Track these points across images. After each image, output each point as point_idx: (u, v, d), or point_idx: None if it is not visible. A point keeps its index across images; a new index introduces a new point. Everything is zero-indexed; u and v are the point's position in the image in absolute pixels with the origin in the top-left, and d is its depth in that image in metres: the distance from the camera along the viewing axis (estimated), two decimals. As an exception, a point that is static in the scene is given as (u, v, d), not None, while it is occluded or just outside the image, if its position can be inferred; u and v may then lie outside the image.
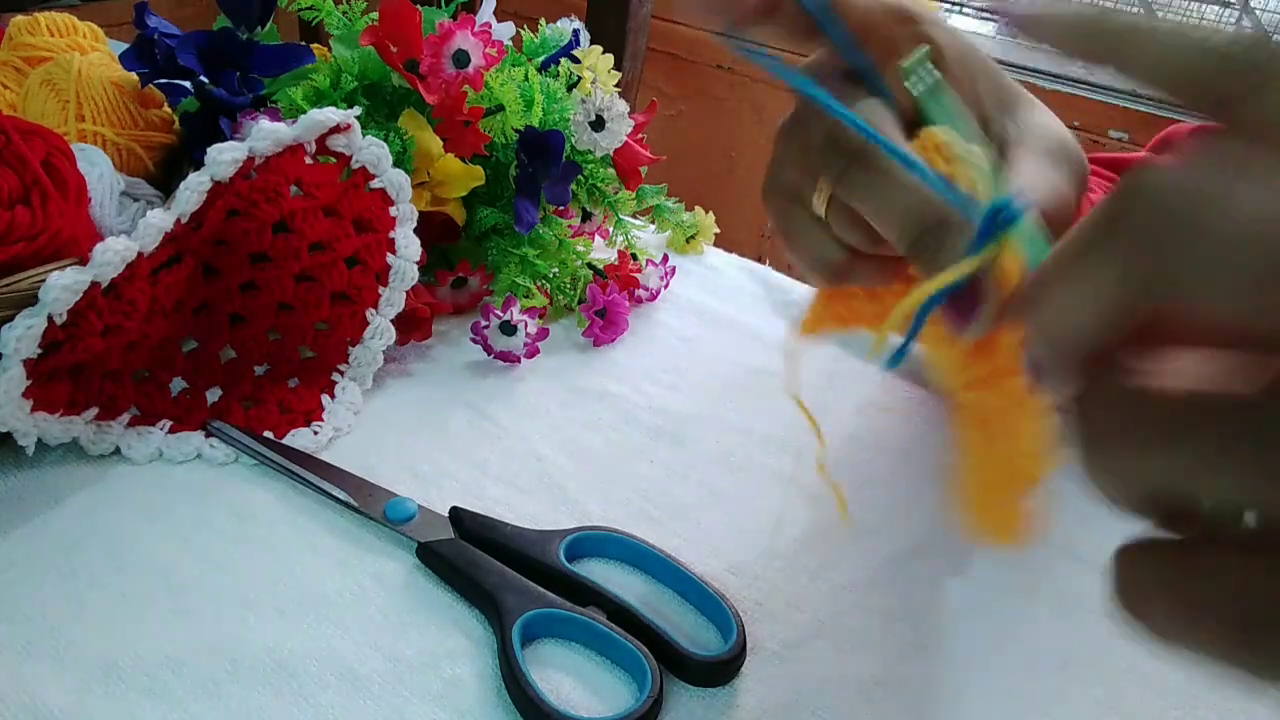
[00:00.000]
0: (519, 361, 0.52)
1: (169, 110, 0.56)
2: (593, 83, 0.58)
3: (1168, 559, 0.20)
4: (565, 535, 0.39)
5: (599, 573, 0.39)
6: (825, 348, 0.58)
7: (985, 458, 0.31)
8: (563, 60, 0.60)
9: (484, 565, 0.38)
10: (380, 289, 0.49)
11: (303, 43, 0.57)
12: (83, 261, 0.38)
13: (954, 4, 1.48)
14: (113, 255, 0.37)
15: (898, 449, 0.49)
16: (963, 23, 1.49)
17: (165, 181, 0.54)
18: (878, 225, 0.28)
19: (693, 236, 0.67)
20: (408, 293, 0.49)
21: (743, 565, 0.41)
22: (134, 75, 0.54)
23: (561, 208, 0.59)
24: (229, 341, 0.48)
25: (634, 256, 0.60)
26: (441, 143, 0.53)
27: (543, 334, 0.52)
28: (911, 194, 0.27)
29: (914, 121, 0.30)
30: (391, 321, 0.49)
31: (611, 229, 0.62)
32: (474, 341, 0.52)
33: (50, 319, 0.36)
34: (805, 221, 0.32)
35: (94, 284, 0.37)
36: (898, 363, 0.28)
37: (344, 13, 0.58)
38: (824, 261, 0.32)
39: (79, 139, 0.51)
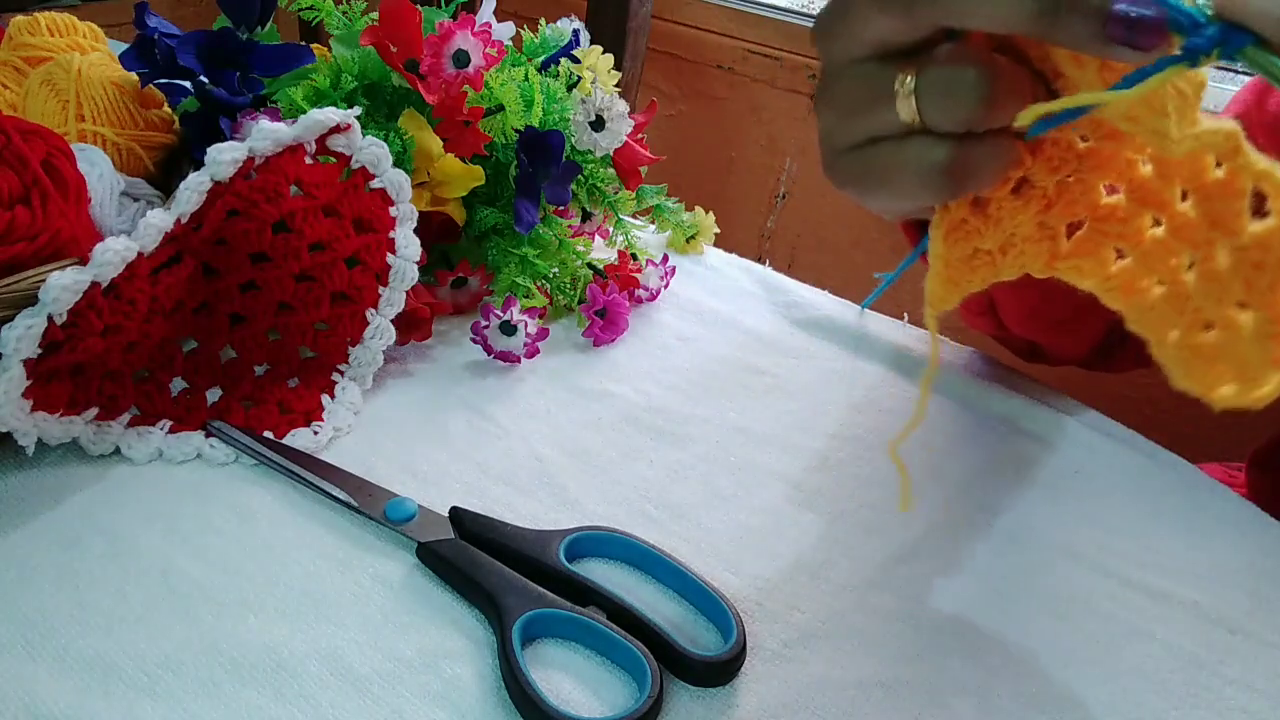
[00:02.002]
0: (519, 361, 0.52)
1: (169, 110, 0.56)
2: (593, 83, 0.58)
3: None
4: (565, 535, 0.39)
5: (599, 573, 0.39)
6: (825, 346, 0.58)
7: (1179, 324, 0.29)
8: (563, 60, 0.60)
9: (484, 565, 0.38)
10: (380, 289, 0.49)
11: (303, 43, 0.57)
12: (83, 261, 0.38)
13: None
14: (113, 255, 0.37)
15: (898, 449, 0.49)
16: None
17: (165, 181, 0.54)
18: (977, 13, 0.26)
19: (693, 236, 0.67)
20: (408, 293, 0.49)
21: (743, 565, 0.41)
22: (134, 75, 0.54)
23: (561, 208, 0.59)
24: (229, 341, 0.48)
25: (634, 256, 0.60)
26: (441, 143, 0.53)
27: (543, 334, 0.52)
28: None
29: None
30: (391, 321, 0.49)
31: (611, 229, 0.62)
32: (474, 341, 0.52)
33: (50, 319, 0.36)
34: (891, 147, 0.29)
35: (94, 284, 0.37)
36: (1045, 128, 0.27)
37: (344, 13, 0.58)
38: (930, 168, 0.28)
39: (79, 139, 0.51)
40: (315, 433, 0.45)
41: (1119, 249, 0.31)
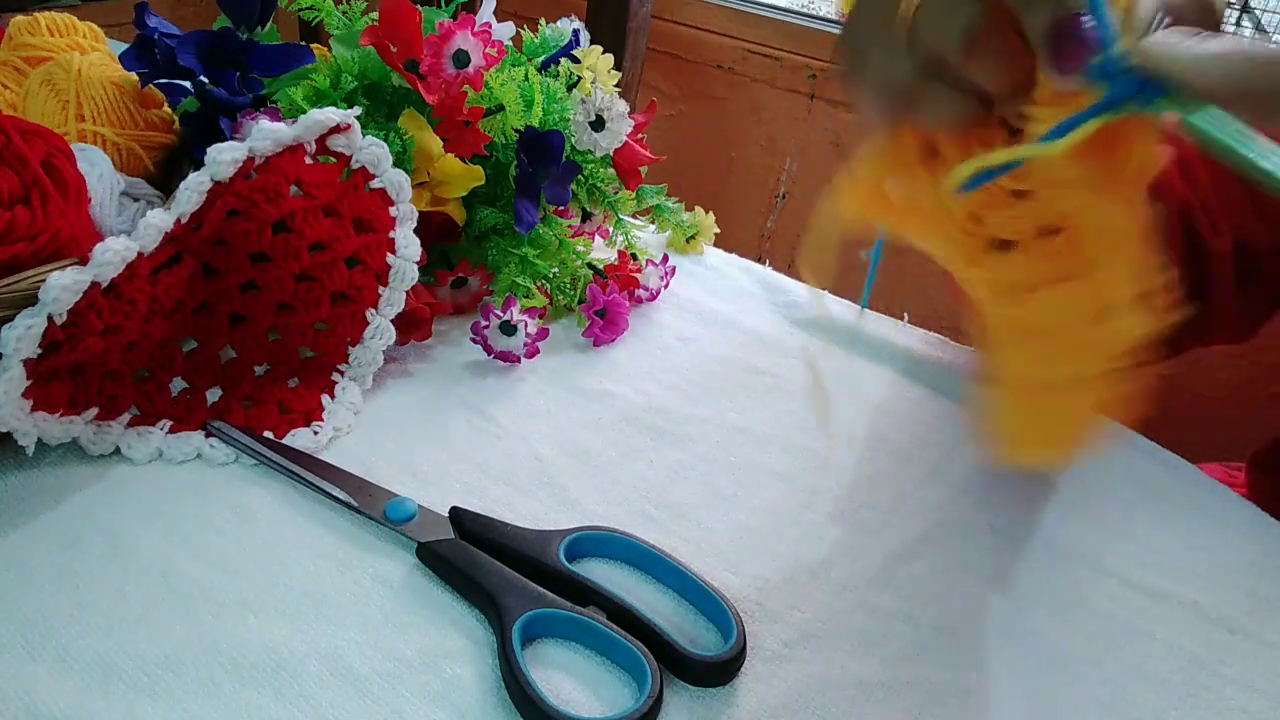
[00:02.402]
0: (519, 361, 0.52)
1: (169, 110, 0.56)
2: (593, 83, 0.58)
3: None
4: (565, 535, 0.39)
5: (599, 573, 0.39)
6: (827, 348, 0.58)
7: (1030, 371, 0.30)
8: (563, 60, 0.60)
9: (484, 565, 0.38)
10: (380, 289, 0.49)
11: (303, 43, 0.57)
12: (83, 261, 0.38)
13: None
14: (113, 255, 0.37)
15: (898, 449, 0.49)
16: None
17: (165, 181, 0.54)
18: None
19: (693, 236, 0.67)
20: (408, 293, 0.49)
21: (743, 565, 0.41)
22: (134, 75, 0.54)
23: (561, 208, 0.59)
24: (229, 341, 0.48)
25: (634, 256, 0.60)
26: (441, 143, 0.53)
27: (543, 334, 0.52)
28: None
29: None
30: (391, 321, 0.49)
31: (611, 229, 0.62)
32: (474, 341, 0.52)
33: (50, 319, 0.36)
34: (881, 50, 0.30)
35: (94, 284, 0.37)
36: (974, 187, 0.27)
37: (344, 13, 0.58)
38: (894, 81, 0.30)
39: (79, 139, 0.51)
40: (315, 433, 0.45)
41: (1031, 284, 0.31)
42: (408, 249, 0.48)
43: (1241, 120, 0.23)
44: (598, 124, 0.56)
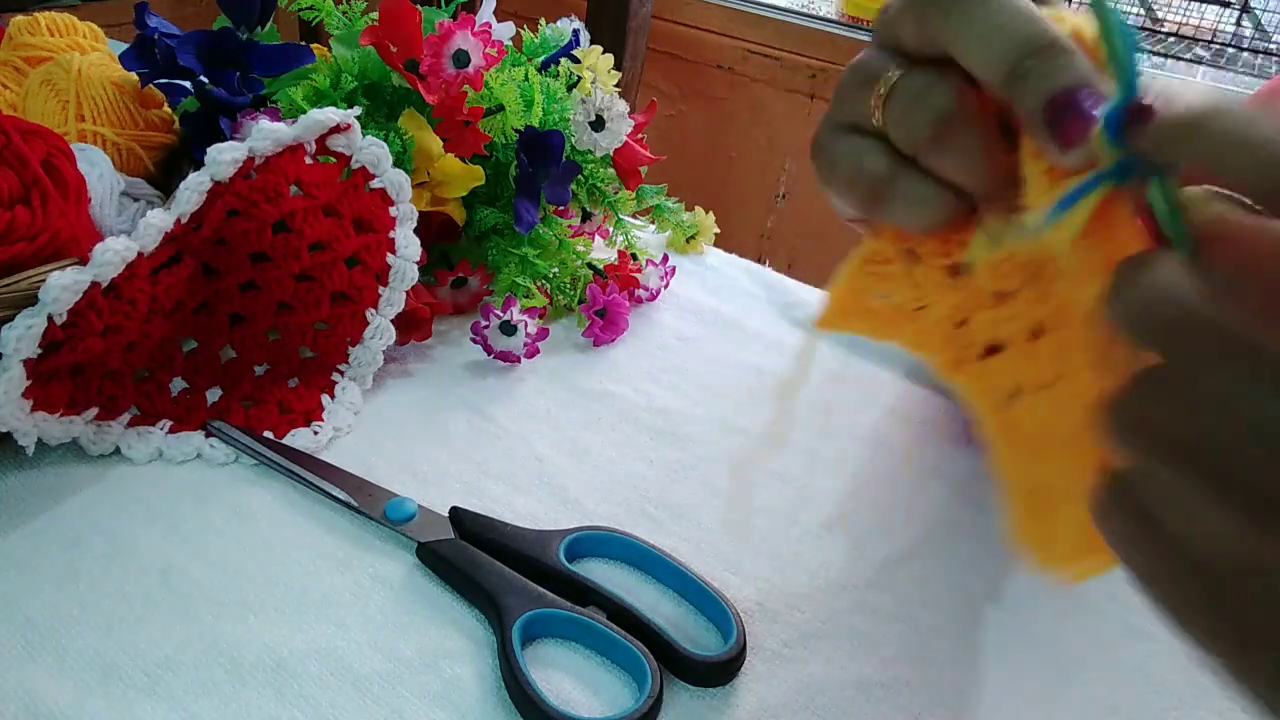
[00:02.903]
0: (519, 361, 0.52)
1: (169, 110, 0.56)
2: (593, 83, 0.58)
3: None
4: (565, 535, 0.39)
5: (599, 573, 0.39)
6: (825, 346, 0.58)
7: (1035, 479, 0.29)
8: (563, 60, 0.60)
9: (484, 565, 0.38)
10: (380, 289, 0.49)
11: (303, 43, 0.57)
12: (83, 261, 0.38)
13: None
14: (113, 255, 0.37)
15: (898, 449, 0.49)
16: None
17: (165, 181, 0.54)
18: (968, 50, 0.25)
19: (693, 236, 0.67)
20: (408, 293, 0.49)
21: (743, 565, 0.41)
22: (134, 75, 0.54)
23: (561, 208, 0.59)
24: (229, 341, 0.48)
25: (634, 256, 0.60)
26: (441, 143, 0.53)
27: (543, 334, 0.52)
28: (1026, 13, 0.24)
29: None
30: (391, 321, 0.49)
31: (611, 229, 0.62)
32: (474, 341, 0.52)
33: (50, 319, 0.36)
34: (849, 139, 0.29)
35: (94, 284, 0.37)
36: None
37: (344, 13, 0.58)
38: (863, 173, 0.28)
39: (79, 139, 0.51)
40: (315, 433, 0.45)
41: (1019, 388, 0.29)
42: (408, 249, 0.48)
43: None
44: (598, 124, 0.56)
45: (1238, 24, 1.49)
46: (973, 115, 0.26)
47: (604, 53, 0.59)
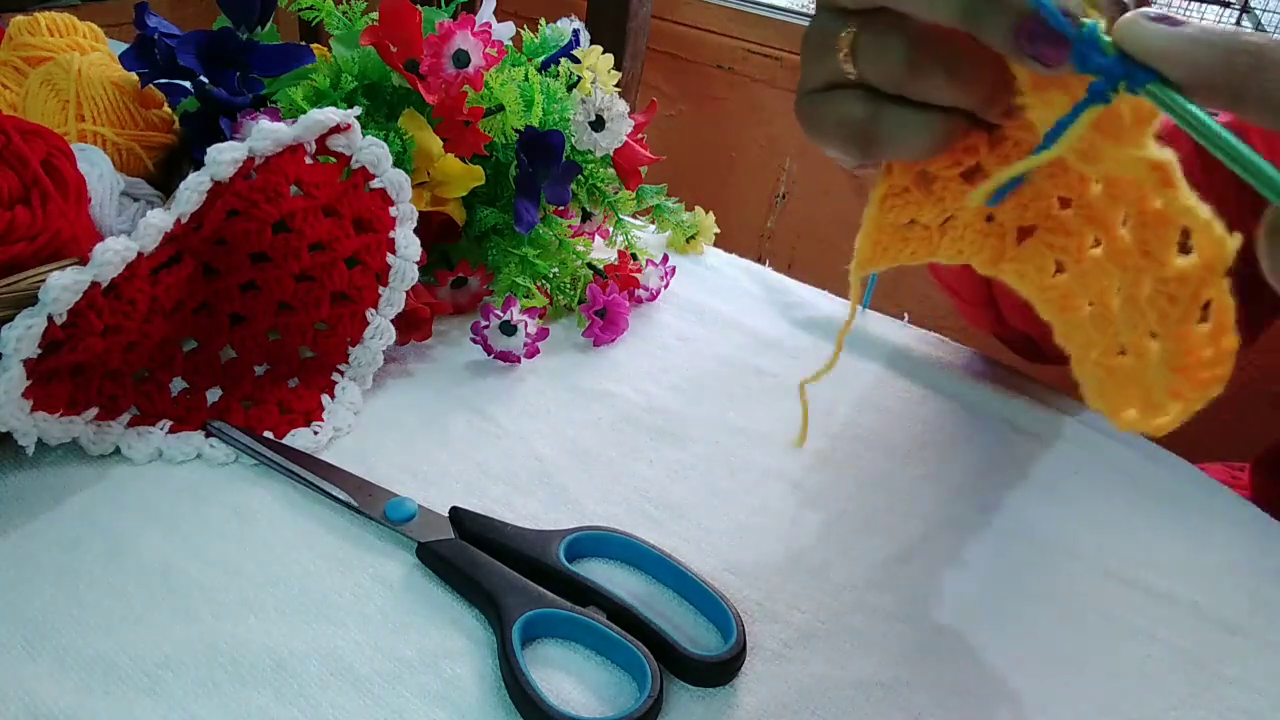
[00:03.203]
0: (519, 361, 0.52)
1: (169, 110, 0.56)
2: (593, 83, 0.58)
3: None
4: (565, 535, 0.39)
5: (599, 573, 0.39)
6: (825, 346, 0.58)
7: (1097, 345, 0.29)
8: (563, 60, 0.60)
9: (484, 565, 0.38)
10: (380, 289, 0.49)
11: (303, 43, 0.57)
12: (83, 261, 0.38)
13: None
14: (113, 255, 0.37)
15: (898, 449, 0.49)
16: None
17: (165, 181, 0.54)
18: (914, 5, 0.26)
19: (693, 236, 0.67)
20: (408, 293, 0.49)
21: (743, 565, 0.41)
22: (134, 75, 0.54)
23: (561, 208, 0.59)
24: (229, 341, 0.48)
25: (634, 256, 0.60)
26: (441, 143, 0.53)
27: (543, 334, 0.52)
28: None
29: None
30: (391, 321, 0.49)
31: (611, 229, 0.62)
32: (474, 341, 0.52)
33: (50, 319, 0.36)
34: (828, 95, 0.30)
35: (94, 284, 0.37)
36: (998, 200, 0.27)
37: (344, 13, 0.58)
38: (849, 121, 0.29)
39: (79, 139, 0.51)
40: (315, 433, 0.45)
41: (1059, 262, 0.31)
42: (408, 249, 0.48)
43: (1215, 106, 0.23)
44: (598, 124, 0.56)
45: (1237, 24, 1.49)
46: (940, 36, 0.27)
47: (604, 53, 0.59)
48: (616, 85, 0.59)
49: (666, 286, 0.60)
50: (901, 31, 0.27)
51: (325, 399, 0.47)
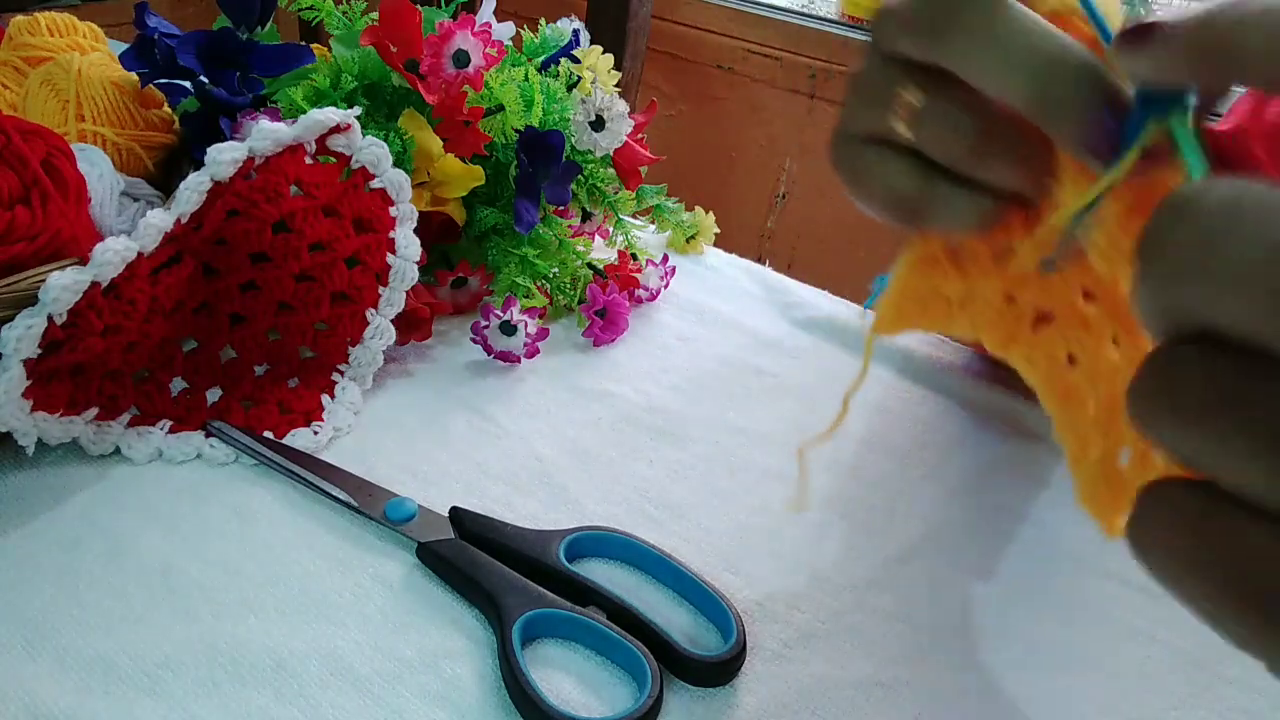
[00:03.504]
0: (519, 361, 0.52)
1: (169, 110, 0.56)
2: (593, 83, 0.58)
3: (1187, 503, 0.19)
4: (565, 535, 0.39)
5: (599, 573, 0.39)
6: (825, 346, 0.58)
7: (1095, 445, 0.29)
8: (563, 60, 0.60)
9: (484, 565, 0.38)
10: (380, 289, 0.49)
11: (303, 43, 0.57)
12: (83, 261, 0.38)
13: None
14: (113, 255, 0.37)
15: (898, 449, 0.49)
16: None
17: (165, 181, 0.54)
18: (990, 79, 0.25)
19: (693, 236, 0.67)
20: (408, 293, 0.49)
21: (743, 565, 0.41)
22: (134, 75, 0.54)
23: (561, 208, 0.59)
24: (229, 341, 0.48)
25: (634, 256, 0.60)
26: (441, 143, 0.53)
27: (543, 334, 0.52)
28: (1035, 33, 0.23)
29: None
30: (391, 321, 0.49)
31: (611, 229, 0.62)
32: (474, 341, 0.52)
33: (50, 319, 0.36)
34: (877, 154, 0.29)
35: (94, 284, 0.37)
36: (1052, 267, 0.26)
37: (344, 13, 0.58)
38: (898, 190, 0.28)
39: (79, 139, 0.51)
40: (315, 433, 0.45)
41: (1073, 355, 0.30)
42: (408, 249, 0.48)
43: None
44: (598, 124, 0.56)
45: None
46: (1006, 125, 0.26)
47: (604, 53, 0.59)
48: (616, 85, 0.59)
49: (666, 286, 0.60)
50: (971, 109, 0.26)
51: (325, 399, 0.47)
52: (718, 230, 0.68)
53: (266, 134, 0.43)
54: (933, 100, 0.27)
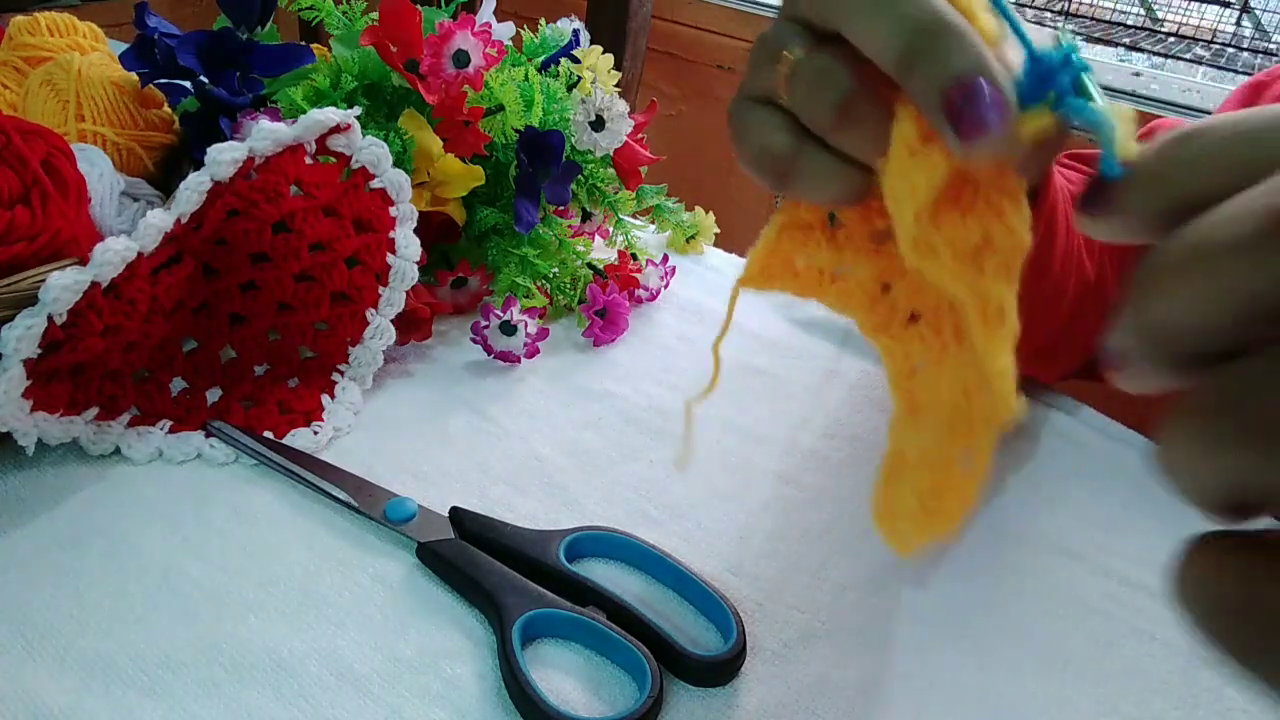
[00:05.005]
0: (519, 361, 0.52)
1: (169, 110, 0.56)
2: (593, 83, 0.58)
3: (1239, 559, 0.18)
4: (565, 535, 0.39)
5: (599, 573, 0.39)
6: (825, 346, 0.58)
7: (907, 449, 0.29)
8: (563, 60, 0.60)
9: (484, 565, 0.38)
10: (380, 289, 0.49)
11: (303, 43, 0.57)
12: (83, 261, 0.38)
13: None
14: (113, 255, 0.37)
15: (898, 449, 0.49)
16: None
17: (165, 181, 0.54)
18: (858, 31, 0.25)
19: (693, 236, 0.67)
20: (408, 293, 0.49)
21: (743, 565, 0.41)
22: (134, 75, 0.54)
23: (561, 208, 0.59)
24: (229, 341, 0.48)
25: (634, 256, 0.60)
26: (441, 143, 0.53)
27: (543, 334, 0.52)
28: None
29: None
30: (391, 321, 0.49)
31: (611, 229, 0.62)
32: (474, 341, 0.52)
33: (50, 319, 0.36)
34: (759, 113, 0.28)
35: (94, 284, 0.37)
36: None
37: (344, 13, 0.58)
38: (768, 147, 0.28)
39: (79, 139, 0.51)
40: (315, 433, 0.45)
41: (919, 360, 0.30)
42: (408, 249, 0.48)
43: None
44: (598, 124, 0.56)
45: (1238, 24, 1.49)
46: (875, 94, 0.26)
47: (604, 53, 0.59)
48: (616, 85, 0.59)
49: (666, 286, 0.60)
50: (842, 72, 0.26)
51: (325, 399, 0.47)
52: (718, 230, 0.68)
53: (266, 134, 0.43)
54: (810, 56, 0.27)
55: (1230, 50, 1.43)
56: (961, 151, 0.23)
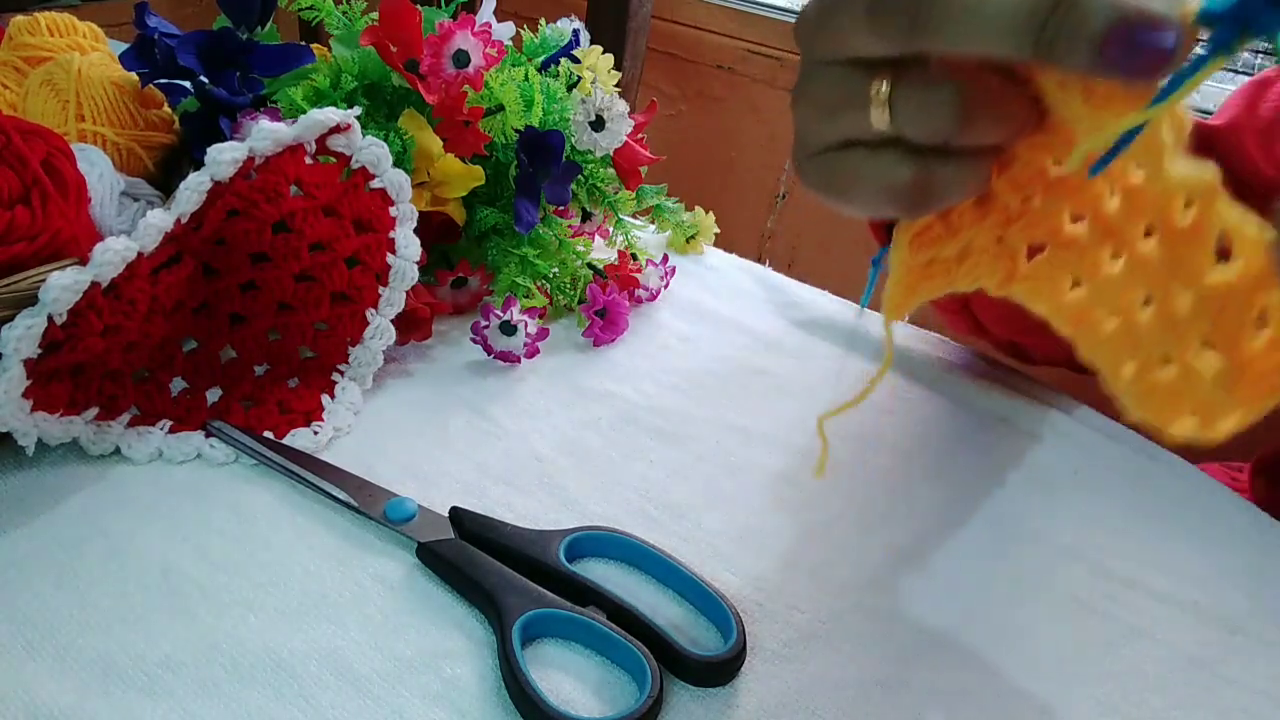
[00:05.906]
0: (519, 361, 0.52)
1: (169, 110, 0.56)
2: (593, 83, 0.58)
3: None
4: (565, 535, 0.39)
5: (599, 573, 0.39)
6: (825, 346, 0.58)
7: (1122, 357, 0.29)
8: (563, 60, 0.60)
9: (484, 565, 0.38)
10: (380, 289, 0.49)
11: (303, 43, 0.57)
12: (83, 261, 0.38)
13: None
14: (113, 255, 0.37)
15: (898, 449, 0.49)
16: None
17: (165, 181, 0.54)
18: (981, 41, 0.25)
19: (693, 236, 0.67)
20: (408, 293, 0.49)
21: (743, 565, 0.41)
22: (134, 75, 0.54)
23: (561, 208, 0.59)
24: (229, 341, 0.48)
25: (634, 256, 0.60)
26: (441, 143, 0.53)
27: (543, 334, 0.52)
28: None
29: None
30: (391, 321, 0.49)
31: (611, 229, 0.62)
32: (474, 341, 0.52)
33: (50, 319, 0.36)
34: (857, 156, 0.29)
35: (94, 284, 0.37)
36: (1102, 168, 0.26)
37: (344, 13, 0.58)
38: (897, 184, 0.28)
39: (79, 139, 0.51)
40: (315, 433, 0.45)
41: (1076, 278, 0.30)
42: (408, 249, 0.48)
43: None
44: (598, 124, 0.56)
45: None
46: (985, 86, 0.26)
47: (604, 53, 0.59)
48: (616, 85, 0.59)
49: (666, 286, 0.60)
50: (947, 83, 0.26)
51: (325, 399, 0.47)
52: (718, 230, 0.68)
53: (266, 134, 0.43)
54: (906, 87, 0.27)
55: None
56: (1131, 87, 0.23)
